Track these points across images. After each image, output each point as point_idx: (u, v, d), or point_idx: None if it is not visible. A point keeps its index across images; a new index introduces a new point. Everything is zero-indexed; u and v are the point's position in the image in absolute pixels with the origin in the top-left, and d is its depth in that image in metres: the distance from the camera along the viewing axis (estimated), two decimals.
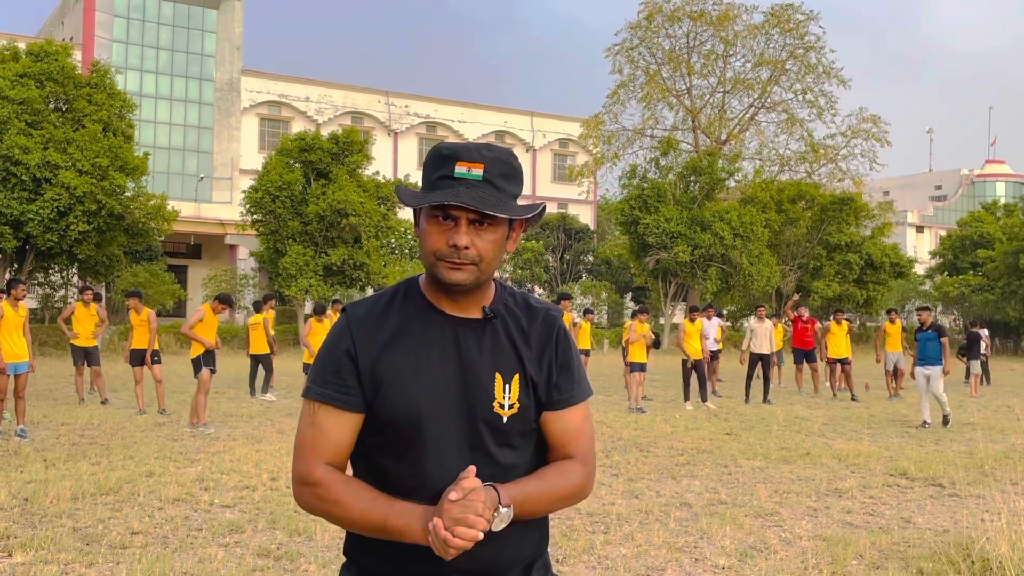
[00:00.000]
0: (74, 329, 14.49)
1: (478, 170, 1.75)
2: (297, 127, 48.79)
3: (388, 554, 1.80)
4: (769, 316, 18.07)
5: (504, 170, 1.78)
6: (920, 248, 68.58)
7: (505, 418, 1.80)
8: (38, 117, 25.98)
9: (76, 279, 31.39)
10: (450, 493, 1.67)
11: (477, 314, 1.85)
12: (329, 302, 20.58)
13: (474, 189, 1.73)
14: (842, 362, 18.33)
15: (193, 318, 11.86)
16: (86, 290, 14.75)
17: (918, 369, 13.55)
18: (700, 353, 15.59)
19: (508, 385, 1.82)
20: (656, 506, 7.41)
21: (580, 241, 49.22)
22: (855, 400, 17.39)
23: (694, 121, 44.35)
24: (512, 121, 58.60)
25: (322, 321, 14.85)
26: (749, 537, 6.49)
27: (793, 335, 19.17)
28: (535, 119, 59.46)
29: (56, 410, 13.05)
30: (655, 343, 15.93)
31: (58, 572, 5.25)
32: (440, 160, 1.78)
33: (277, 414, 13.46)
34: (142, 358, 13.45)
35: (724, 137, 43.97)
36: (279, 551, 5.83)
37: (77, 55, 37.83)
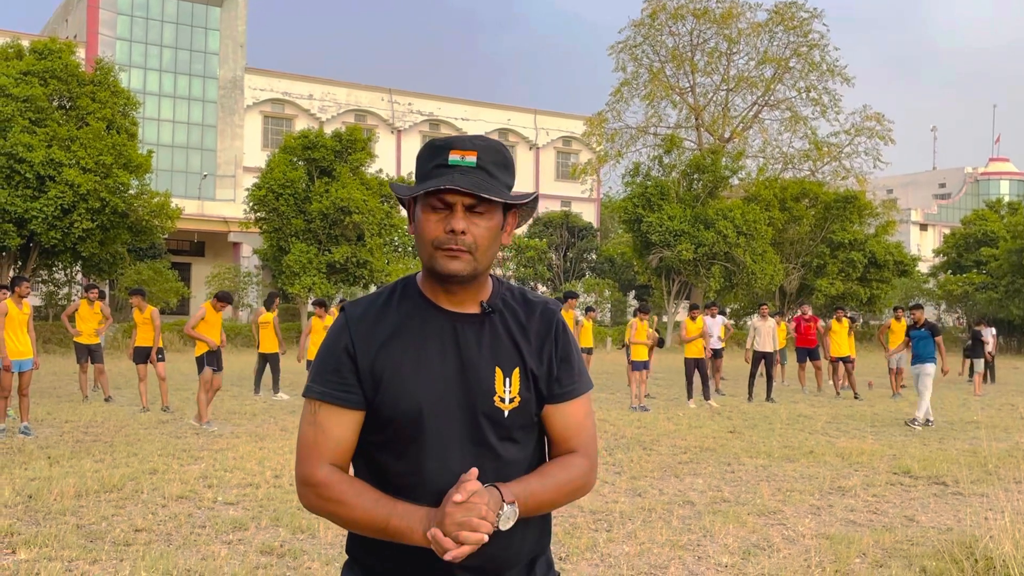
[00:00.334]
0: (78, 327, 14.52)
1: (471, 157, 1.76)
2: (300, 125, 48.80)
3: (390, 552, 1.80)
4: (772, 314, 18.07)
5: (497, 159, 1.80)
6: (924, 246, 68.48)
7: (506, 412, 1.80)
8: (42, 115, 26.01)
9: (80, 277, 31.43)
10: (454, 495, 1.66)
11: (475, 309, 1.85)
12: (332, 300, 20.59)
13: (468, 175, 1.74)
14: (844, 360, 18.31)
15: (194, 317, 11.90)
16: (91, 288, 14.77)
17: (912, 368, 13.53)
18: (702, 351, 15.58)
19: (508, 379, 1.81)
20: (659, 504, 7.41)
21: (583, 239, 49.21)
22: (858, 398, 17.38)
23: (697, 119, 44.33)
24: (515, 119, 58.57)
25: (323, 318, 14.84)
26: (752, 535, 6.49)
27: (796, 333, 19.17)
28: (538, 117, 59.43)
29: (60, 407, 13.08)
30: (659, 342, 15.92)
31: (62, 569, 5.26)
32: (433, 151, 1.80)
33: (280, 411, 13.48)
34: (145, 356, 13.48)
35: (727, 135, 43.94)
36: (282, 548, 5.84)
37: (81, 53, 37.81)
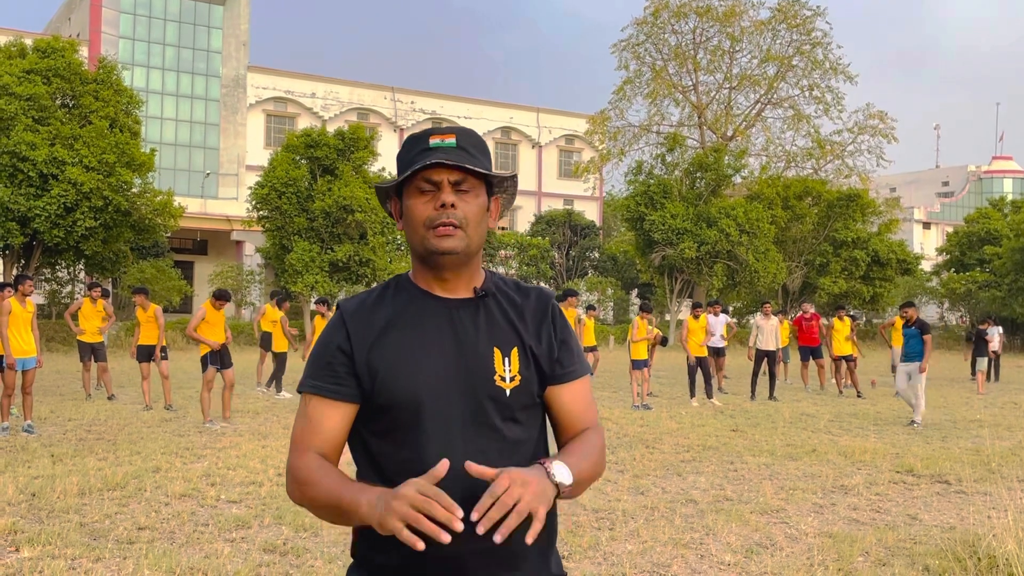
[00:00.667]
0: (81, 325, 14.53)
1: (451, 139, 1.81)
2: (303, 123, 48.82)
3: (397, 549, 1.76)
4: (775, 313, 18.06)
5: (475, 142, 1.84)
6: (927, 244, 68.42)
7: (508, 391, 1.80)
8: (45, 113, 26.03)
9: (83, 275, 31.46)
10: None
11: (468, 294, 1.87)
12: (335, 299, 20.59)
13: (451, 154, 1.79)
14: (846, 359, 18.30)
15: (195, 318, 11.93)
16: (95, 287, 14.78)
17: (900, 365, 13.43)
18: (703, 350, 15.57)
19: (507, 358, 1.82)
20: (662, 502, 7.41)
21: (586, 237, 49.19)
22: (860, 397, 17.37)
23: (700, 117, 44.29)
24: (518, 117, 58.55)
25: (325, 316, 14.84)
26: (755, 534, 6.49)
27: (798, 332, 19.17)
28: (541, 115, 59.42)
29: (63, 406, 13.09)
30: (662, 341, 15.91)
31: (65, 567, 5.27)
32: (413, 140, 1.85)
33: (283, 410, 13.49)
34: (149, 354, 13.49)
35: (730, 133, 43.90)
36: (285, 546, 5.84)
37: (84, 51, 37.84)
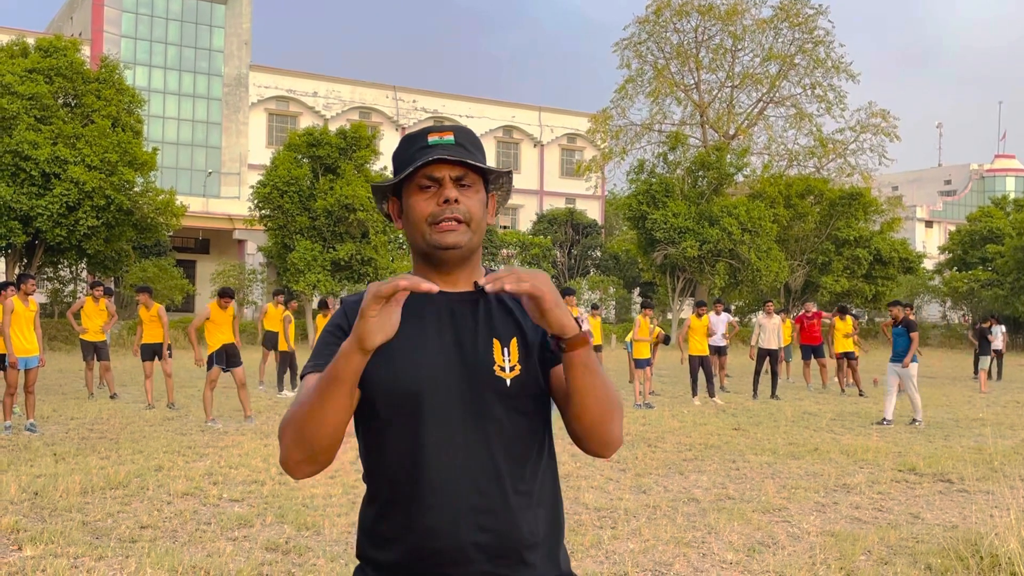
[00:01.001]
0: (83, 324, 14.54)
1: (449, 136, 1.83)
2: (305, 122, 48.83)
3: (396, 546, 1.77)
4: (777, 311, 18.05)
5: (471, 139, 1.86)
6: (929, 243, 68.35)
7: (508, 381, 1.80)
8: (47, 112, 26.06)
9: (85, 274, 31.50)
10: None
11: (469, 288, 1.88)
12: (337, 297, 20.58)
13: (450, 150, 1.80)
14: (848, 357, 18.28)
15: (199, 317, 12.02)
16: (97, 285, 14.79)
17: (889, 365, 13.37)
18: (705, 349, 15.56)
19: (507, 349, 1.82)
20: (664, 501, 7.41)
21: (588, 236, 49.18)
22: (862, 395, 17.37)
23: (702, 116, 44.26)
24: (520, 116, 58.54)
25: (327, 316, 14.87)
26: (757, 532, 6.49)
27: (800, 331, 19.15)
28: (543, 114, 59.41)
29: (65, 404, 13.11)
30: (665, 340, 15.90)
31: (68, 566, 5.28)
32: (410, 139, 1.86)
33: (285, 408, 13.49)
34: (152, 353, 13.50)
35: (732, 132, 43.87)
36: (287, 545, 5.85)
37: (86, 50, 37.89)
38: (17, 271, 26.61)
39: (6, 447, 9.36)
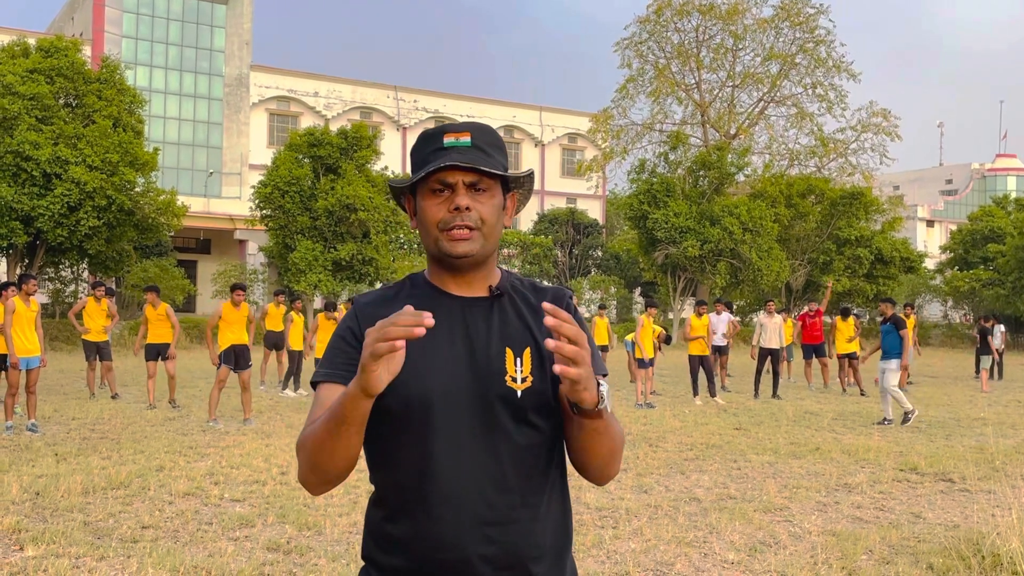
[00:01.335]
0: (86, 324, 14.54)
1: (466, 138, 1.78)
2: (306, 122, 48.85)
3: (406, 549, 1.75)
4: (779, 311, 18.04)
5: (490, 139, 1.81)
6: (930, 243, 68.34)
7: (519, 392, 1.75)
8: (48, 113, 26.07)
9: (86, 274, 31.52)
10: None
11: (483, 293, 1.83)
12: (339, 298, 20.58)
13: (465, 153, 1.76)
14: (850, 356, 18.28)
15: (212, 317, 12.12)
16: (98, 286, 14.79)
17: (880, 363, 13.32)
18: (705, 349, 15.56)
19: (519, 359, 1.77)
20: (665, 501, 7.41)
21: (589, 236, 49.19)
22: (864, 395, 17.36)
23: (703, 115, 44.26)
24: (521, 116, 58.56)
25: (329, 318, 14.85)
26: (758, 532, 6.48)
27: (802, 329, 19.15)
28: (544, 114, 59.42)
29: (67, 405, 13.11)
30: (666, 339, 15.91)
31: (69, 566, 5.28)
32: (427, 138, 1.82)
33: (287, 409, 13.51)
34: (157, 353, 13.49)
35: (733, 131, 43.87)
36: (289, 545, 5.85)
37: (87, 51, 37.92)
38: (18, 271, 26.62)
39: (8, 447, 9.36)
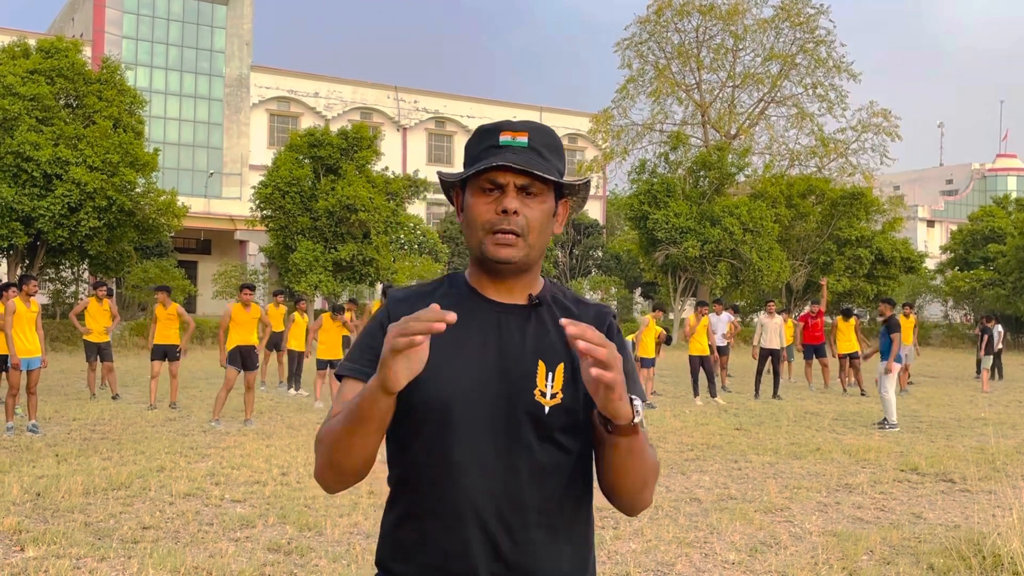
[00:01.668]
0: (87, 325, 14.52)
1: (523, 138, 1.72)
2: (306, 123, 48.86)
3: (412, 559, 1.70)
4: (779, 311, 18.05)
5: (549, 141, 1.75)
6: (931, 243, 68.32)
7: (547, 408, 1.67)
8: (48, 113, 26.06)
9: (87, 275, 31.52)
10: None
11: (523, 300, 1.76)
12: (340, 298, 20.57)
13: (520, 154, 1.69)
14: (851, 357, 18.30)
15: (223, 318, 12.16)
16: (100, 286, 14.79)
17: (879, 364, 13.25)
18: (706, 349, 15.57)
19: (551, 373, 1.69)
20: (666, 501, 7.41)
21: (589, 236, 49.18)
22: (864, 395, 17.36)
23: (703, 116, 44.25)
24: (521, 116, 58.53)
25: (335, 320, 14.81)
26: (759, 532, 6.48)
27: (803, 329, 19.16)
28: (544, 114, 59.43)
29: (67, 405, 13.11)
30: (667, 339, 15.94)
31: (70, 566, 5.28)
32: (483, 134, 1.75)
33: (287, 409, 13.51)
34: (163, 353, 13.47)
35: (734, 132, 43.86)
36: (289, 546, 5.85)
37: (87, 51, 37.95)
38: (19, 272, 26.62)
39: (8, 448, 9.36)
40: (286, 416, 12.66)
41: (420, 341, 1.44)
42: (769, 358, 16.92)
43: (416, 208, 43.43)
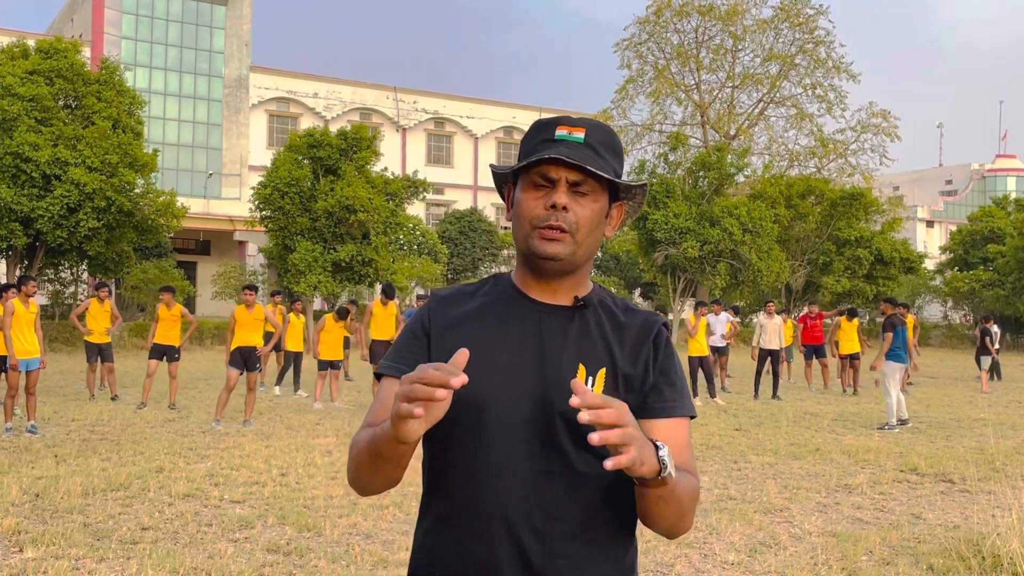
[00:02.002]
0: (88, 325, 14.50)
1: (579, 133, 1.64)
2: (305, 123, 48.84)
3: (444, 566, 1.63)
4: (778, 312, 18.06)
5: (606, 139, 1.66)
6: (930, 243, 68.33)
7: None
8: (48, 114, 26.05)
9: (86, 276, 31.51)
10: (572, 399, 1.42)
11: (567, 302, 1.69)
12: (339, 299, 20.56)
13: (575, 150, 1.61)
14: (852, 357, 18.31)
15: (230, 322, 12.20)
16: (102, 287, 14.79)
17: (885, 364, 13.24)
18: (705, 349, 15.57)
19: (592, 378, 1.62)
20: None
21: None
22: (856, 394, 17.41)
23: (703, 116, 44.26)
24: (520, 117, 58.56)
25: (338, 321, 14.81)
26: (759, 533, 6.48)
27: (803, 330, 19.17)
28: (543, 114, 59.35)
29: (66, 406, 13.10)
30: None
31: (69, 567, 5.28)
32: (540, 127, 1.68)
33: (286, 410, 13.50)
34: (161, 354, 13.45)
35: (733, 132, 43.87)
36: (288, 546, 5.84)
37: (86, 52, 37.89)
38: (18, 273, 26.61)
39: (7, 449, 9.35)
40: (285, 417, 12.66)
41: (420, 415, 1.37)
42: (768, 359, 16.92)
43: (415, 209, 43.46)
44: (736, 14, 42.89)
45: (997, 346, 22.29)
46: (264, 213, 31.05)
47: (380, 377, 1.71)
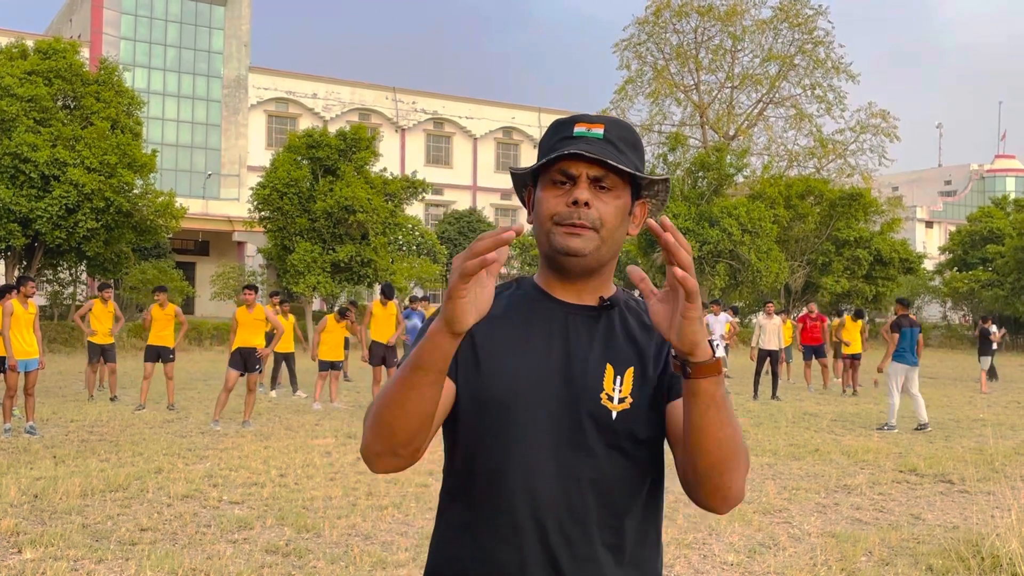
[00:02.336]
0: (92, 326, 14.49)
1: (598, 129, 1.60)
2: (304, 124, 48.83)
3: (466, 573, 1.59)
4: (777, 312, 18.07)
5: (626, 136, 1.63)
6: (930, 243, 68.35)
7: (615, 413, 1.57)
8: (46, 115, 26.04)
9: (84, 276, 31.50)
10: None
11: (592, 303, 1.66)
12: (337, 300, 20.54)
13: (595, 145, 1.58)
14: (853, 358, 18.32)
15: (232, 324, 12.23)
16: (105, 287, 14.79)
17: (892, 365, 13.19)
18: None
19: (620, 377, 1.59)
20: (665, 502, 7.39)
21: None
22: (854, 394, 17.43)
23: (702, 117, 44.27)
24: (520, 117, 58.56)
25: (340, 322, 14.80)
26: (758, 533, 6.47)
27: (802, 331, 19.18)
28: (542, 115, 59.41)
29: (65, 407, 13.10)
30: None
31: (68, 568, 5.27)
32: (558, 126, 1.65)
33: (285, 411, 13.49)
34: (156, 354, 13.45)
35: (732, 132, 43.88)
36: (287, 547, 5.84)
37: (85, 52, 37.86)
38: (17, 273, 26.60)
39: (6, 449, 9.34)
40: (284, 417, 12.65)
41: (492, 259, 1.30)
42: (768, 359, 16.93)
43: (414, 209, 43.45)
44: (735, 14, 42.90)
45: (996, 346, 22.28)
46: (263, 214, 31.04)
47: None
